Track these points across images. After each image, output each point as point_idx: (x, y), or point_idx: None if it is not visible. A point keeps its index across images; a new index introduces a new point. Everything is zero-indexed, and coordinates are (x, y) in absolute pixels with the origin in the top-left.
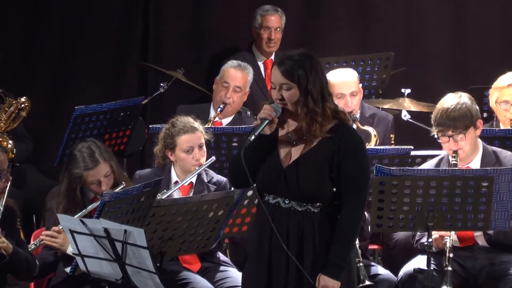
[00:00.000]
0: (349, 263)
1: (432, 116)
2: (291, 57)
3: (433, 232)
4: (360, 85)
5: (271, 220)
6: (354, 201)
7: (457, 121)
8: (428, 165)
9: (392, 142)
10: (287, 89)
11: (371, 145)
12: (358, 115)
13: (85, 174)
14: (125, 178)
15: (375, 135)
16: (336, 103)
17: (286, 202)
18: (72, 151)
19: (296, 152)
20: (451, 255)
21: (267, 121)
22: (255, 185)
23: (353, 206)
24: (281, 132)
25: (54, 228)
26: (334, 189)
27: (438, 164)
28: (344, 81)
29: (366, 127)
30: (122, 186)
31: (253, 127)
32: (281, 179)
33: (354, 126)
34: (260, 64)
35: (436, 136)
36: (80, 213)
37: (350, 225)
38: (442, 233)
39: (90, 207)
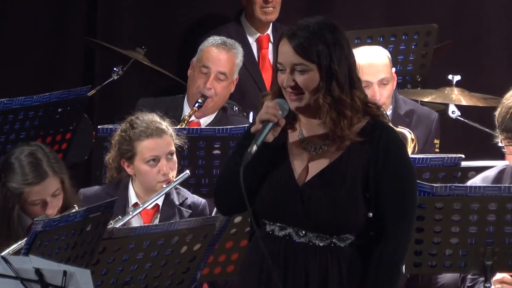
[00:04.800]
0: None
1: (497, 115)
2: (307, 27)
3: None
4: (393, 69)
5: (283, 260)
6: (399, 230)
7: None
8: (484, 180)
9: (437, 149)
10: (302, 72)
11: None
12: (390, 112)
13: (26, 191)
14: (78, 200)
15: (412, 140)
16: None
17: (302, 234)
18: (8, 158)
19: (316, 164)
20: None
21: (272, 124)
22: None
23: (398, 237)
24: (292, 136)
25: None
26: (371, 214)
27: (498, 179)
28: (370, 63)
29: (401, 129)
30: (74, 210)
31: (253, 134)
32: (296, 202)
33: None
34: (252, 41)
35: (500, 144)
36: (13, 246)
37: (394, 263)
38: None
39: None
